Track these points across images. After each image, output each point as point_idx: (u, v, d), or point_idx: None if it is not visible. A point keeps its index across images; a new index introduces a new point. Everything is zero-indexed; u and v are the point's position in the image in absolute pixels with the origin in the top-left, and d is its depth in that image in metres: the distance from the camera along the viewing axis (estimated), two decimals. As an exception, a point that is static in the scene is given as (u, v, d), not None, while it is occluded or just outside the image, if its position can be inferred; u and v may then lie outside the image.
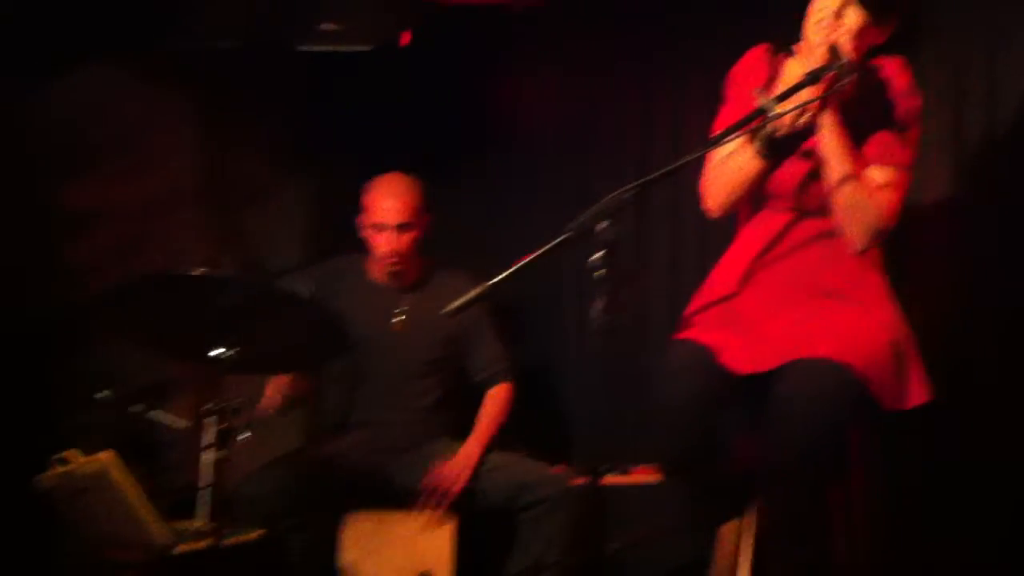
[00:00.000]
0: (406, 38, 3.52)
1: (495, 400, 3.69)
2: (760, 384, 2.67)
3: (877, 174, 2.75)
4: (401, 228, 3.60)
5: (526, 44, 4.24)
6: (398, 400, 3.65)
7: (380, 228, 3.61)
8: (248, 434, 2.85)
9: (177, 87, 3.95)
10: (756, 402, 2.68)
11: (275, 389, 3.57)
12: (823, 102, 2.67)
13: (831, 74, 2.64)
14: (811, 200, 2.80)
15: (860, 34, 2.71)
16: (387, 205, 3.60)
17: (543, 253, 2.48)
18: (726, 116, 2.86)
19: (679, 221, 4.01)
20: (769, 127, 2.70)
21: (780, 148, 2.75)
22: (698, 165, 2.86)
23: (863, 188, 2.71)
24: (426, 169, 3.73)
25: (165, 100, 3.94)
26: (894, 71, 2.81)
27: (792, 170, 2.81)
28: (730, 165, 2.80)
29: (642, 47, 4.12)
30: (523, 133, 4.27)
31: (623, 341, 2.38)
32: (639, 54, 4.13)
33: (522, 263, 2.49)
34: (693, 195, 2.93)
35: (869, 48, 2.76)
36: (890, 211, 2.74)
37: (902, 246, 2.94)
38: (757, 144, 2.74)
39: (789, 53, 2.85)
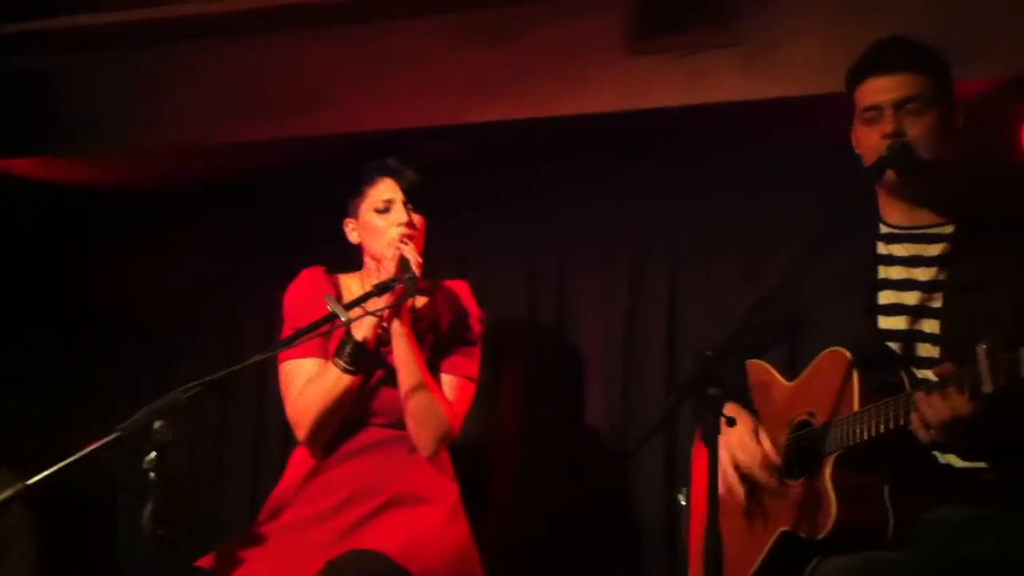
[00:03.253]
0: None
1: None
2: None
3: (447, 384, 2.88)
4: None
5: (127, 228, 4.09)
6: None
7: None
8: None
9: None
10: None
11: None
12: (393, 312, 2.77)
13: (400, 286, 2.74)
14: (385, 407, 2.84)
15: (422, 236, 2.88)
16: None
17: (89, 453, 2.31)
18: (288, 333, 2.85)
19: (262, 420, 3.90)
20: (348, 344, 2.76)
21: (363, 361, 2.80)
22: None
23: (432, 396, 2.80)
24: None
25: None
26: (463, 293, 2.99)
27: (370, 380, 2.85)
28: (315, 391, 2.80)
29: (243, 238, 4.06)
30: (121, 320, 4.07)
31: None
32: (241, 243, 4.06)
33: (63, 463, 2.30)
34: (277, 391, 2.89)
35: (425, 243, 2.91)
36: (456, 419, 2.86)
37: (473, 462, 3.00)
38: (340, 362, 2.78)
39: (343, 272, 2.96)
